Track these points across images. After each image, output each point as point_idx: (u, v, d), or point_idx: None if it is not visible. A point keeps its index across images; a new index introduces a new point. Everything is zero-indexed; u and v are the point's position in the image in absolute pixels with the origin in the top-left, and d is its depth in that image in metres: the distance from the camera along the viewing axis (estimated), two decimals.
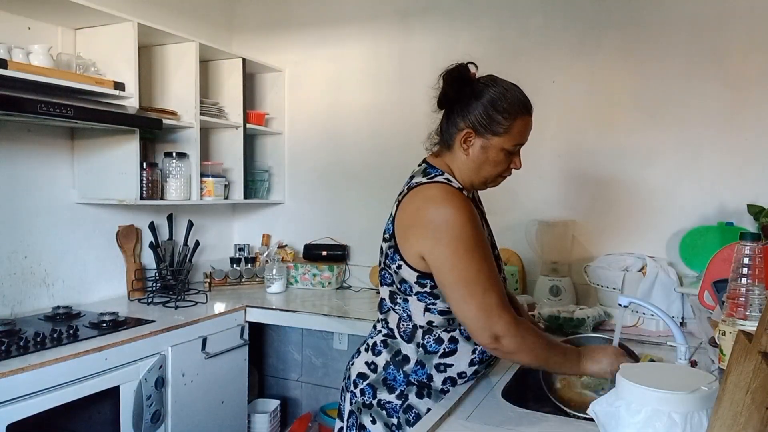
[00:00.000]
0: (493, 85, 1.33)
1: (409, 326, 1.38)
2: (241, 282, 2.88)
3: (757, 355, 0.72)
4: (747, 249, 1.21)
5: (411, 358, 1.38)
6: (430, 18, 2.75)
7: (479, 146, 1.34)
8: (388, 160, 2.84)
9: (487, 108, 1.31)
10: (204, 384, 2.22)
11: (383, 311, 1.45)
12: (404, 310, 1.39)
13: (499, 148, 1.33)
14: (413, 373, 1.37)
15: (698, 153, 2.32)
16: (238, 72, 2.82)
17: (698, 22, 2.29)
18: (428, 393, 1.37)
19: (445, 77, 1.33)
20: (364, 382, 1.41)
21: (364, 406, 1.40)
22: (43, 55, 1.98)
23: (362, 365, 1.44)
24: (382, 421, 1.38)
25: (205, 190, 2.63)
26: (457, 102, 1.35)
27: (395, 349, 1.39)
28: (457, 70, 1.33)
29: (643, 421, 0.92)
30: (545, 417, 1.29)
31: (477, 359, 1.41)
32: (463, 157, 1.36)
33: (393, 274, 1.37)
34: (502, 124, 1.31)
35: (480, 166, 1.36)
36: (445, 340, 1.37)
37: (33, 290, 2.24)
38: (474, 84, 1.34)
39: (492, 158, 1.35)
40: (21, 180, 2.19)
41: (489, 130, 1.32)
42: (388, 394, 1.38)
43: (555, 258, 2.48)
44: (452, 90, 1.33)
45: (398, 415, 1.37)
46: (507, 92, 1.32)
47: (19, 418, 1.59)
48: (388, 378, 1.39)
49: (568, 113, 2.51)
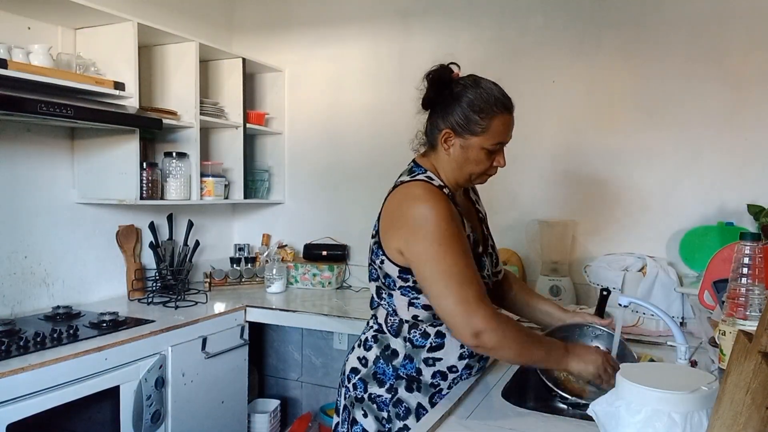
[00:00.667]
0: (472, 86, 1.35)
1: (396, 321, 1.42)
2: (241, 282, 2.88)
3: (757, 355, 0.72)
4: (747, 249, 1.21)
5: (399, 352, 1.40)
6: (430, 18, 2.75)
7: (459, 146, 1.36)
8: (388, 159, 2.83)
9: (464, 109, 1.33)
10: (204, 384, 2.22)
11: (373, 307, 1.49)
12: (389, 305, 1.42)
13: (479, 148, 1.35)
14: (402, 367, 1.40)
15: (698, 153, 2.32)
16: (238, 72, 2.82)
17: (698, 21, 2.30)
18: (418, 387, 1.39)
19: (428, 78, 1.37)
20: (356, 377, 1.44)
21: (356, 401, 1.44)
22: (43, 55, 1.98)
23: (355, 360, 1.47)
24: (373, 415, 1.41)
25: (205, 190, 2.63)
26: (438, 103, 1.37)
27: (384, 343, 1.43)
28: (438, 72, 1.36)
29: (643, 421, 0.92)
30: (545, 417, 1.29)
31: (467, 353, 1.41)
32: (445, 156, 1.39)
33: (378, 269, 1.41)
34: (480, 123, 1.33)
35: (462, 165, 1.38)
36: (431, 335, 1.39)
37: (33, 290, 2.24)
38: (453, 85, 1.36)
39: (473, 157, 1.37)
40: (21, 180, 2.19)
41: (467, 130, 1.34)
42: (378, 388, 1.41)
43: (555, 258, 2.48)
44: (433, 91, 1.37)
45: (388, 409, 1.40)
46: (484, 92, 1.34)
47: (19, 417, 1.59)
48: (378, 372, 1.42)
49: (567, 113, 2.51)
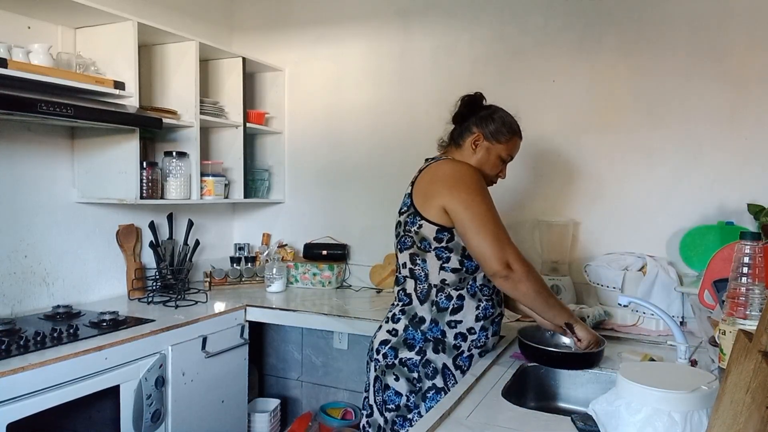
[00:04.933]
0: (499, 110, 1.74)
1: (425, 287, 1.64)
2: (241, 281, 2.88)
3: (757, 355, 0.72)
4: (747, 248, 1.21)
5: (426, 318, 1.63)
6: (430, 18, 2.75)
7: (485, 149, 1.70)
8: (389, 159, 2.84)
9: (496, 122, 1.71)
10: (204, 383, 2.22)
11: (399, 283, 1.71)
12: (422, 270, 1.64)
13: (498, 154, 1.71)
14: (429, 330, 1.63)
15: (698, 152, 2.32)
16: (238, 71, 2.82)
17: (698, 20, 2.29)
18: (443, 348, 1.62)
19: (463, 99, 1.74)
20: (387, 347, 1.65)
21: (387, 368, 1.64)
22: (43, 55, 1.98)
23: (384, 334, 1.68)
24: (404, 377, 1.62)
25: (205, 189, 2.63)
26: (471, 116, 1.72)
27: (412, 313, 1.65)
28: (472, 96, 1.74)
29: (643, 420, 0.92)
30: (545, 417, 1.29)
31: (481, 315, 1.65)
32: (470, 155, 1.71)
33: (413, 236, 1.65)
34: (505, 135, 1.71)
35: (482, 165, 1.70)
36: (453, 297, 1.63)
37: (33, 289, 2.24)
38: (484, 106, 1.75)
39: (491, 161, 1.72)
40: (21, 179, 2.19)
41: (495, 138, 1.70)
42: (409, 352, 1.63)
43: (555, 257, 2.48)
44: (467, 110, 1.73)
45: (418, 370, 1.61)
46: (508, 117, 1.73)
47: (20, 417, 1.59)
48: (408, 338, 1.64)
49: (568, 112, 2.51)
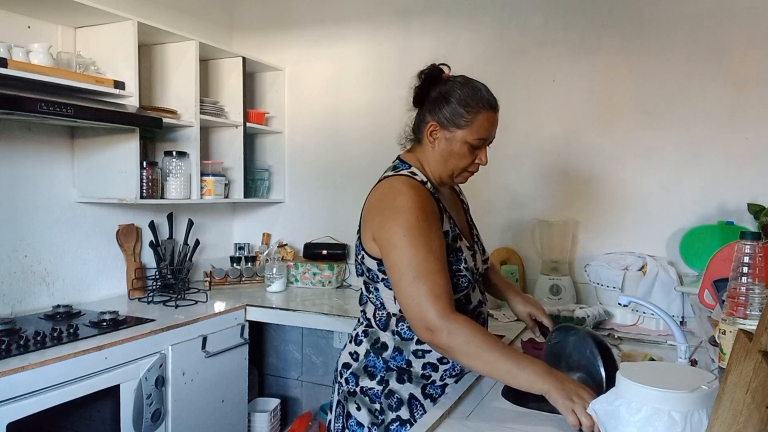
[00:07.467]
0: (460, 84, 1.41)
1: (384, 315, 1.43)
2: (241, 281, 2.88)
3: (757, 354, 0.72)
4: (747, 248, 1.21)
5: (389, 345, 1.42)
6: (429, 17, 2.75)
7: (444, 139, 1.41)
8: (388, 159, 2.80)
9: (451, 104, 1.39)
10: (204, 383, 2.22)
11: (362, 303, 1.52)
12: (377, 299, 1.44)
13: (462, 141, 1.40)
14: (392, 359, 1.42)
15: (698, 152, 2.32)
16: (238, 71, 2.82)
17: (698, 21, 2.29)
18: (409, 378, 1.41)
19: (419, 76, 1.44)
20: (348, 371, 1.46)
21: (349, 395, 1.45)
22: (43, 54, 1.98)
23: (347, 356, 1.49)
24: (366, 407, 1.42)
25: (205, 189, 2.63)
26: (428, 99, 1.44)
27: (374, 337, 1.45)
28: (429, 71, 1.44)
29: (643, 420, 0.92)
30: (545, 416, 1.29)
31: None
32: (430, 150, 1.44)
33: (360, 265, 1.45)
34: (465, 117, 1.38)
35: (446, 159, 1.42)
36: None
37: (33, 289, 2.24)
38: (442, 82, 1.43)
39: (456, 151, 1.41)
40: (21, 179, 2.19)
41: (452, 123, 1.39)
42: (369, 381, 1.42)
43: (555, 257, 2.48)
44: (423, 88, 1.44)
45: (380, 401, 1.41)
46: (472, 90, 1.40)
47: (20, 416, 1.59)
48: (369, 365, 1.44)
49: (568, 112, 2.51)
